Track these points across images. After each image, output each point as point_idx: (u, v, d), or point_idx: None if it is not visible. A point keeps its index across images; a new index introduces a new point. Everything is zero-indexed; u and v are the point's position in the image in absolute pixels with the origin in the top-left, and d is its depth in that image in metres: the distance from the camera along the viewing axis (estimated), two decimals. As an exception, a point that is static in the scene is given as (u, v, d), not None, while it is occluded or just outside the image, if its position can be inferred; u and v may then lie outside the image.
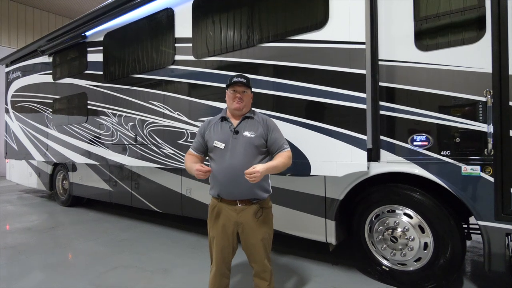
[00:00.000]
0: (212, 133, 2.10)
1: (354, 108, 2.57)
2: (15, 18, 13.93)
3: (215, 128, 2.12)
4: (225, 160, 2.01)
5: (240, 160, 1.98)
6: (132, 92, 4.40)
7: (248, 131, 2.05)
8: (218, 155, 2.04)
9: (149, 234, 4.42)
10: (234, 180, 1.99)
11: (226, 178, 2.00)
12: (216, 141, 2.03)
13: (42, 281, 2.96)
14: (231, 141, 2.03)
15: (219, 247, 2.08)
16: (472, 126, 2.30)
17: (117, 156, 4.65)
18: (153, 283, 2.87)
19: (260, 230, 2.05)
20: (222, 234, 2.07)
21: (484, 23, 2.27)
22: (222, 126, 2.11)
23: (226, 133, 2.06)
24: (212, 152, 2.09)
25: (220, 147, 2.02)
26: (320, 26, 2.75)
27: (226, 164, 2.00)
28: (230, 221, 2.04)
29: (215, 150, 2.05)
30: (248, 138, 2.03)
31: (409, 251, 2.64)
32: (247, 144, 2.02)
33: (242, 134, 2.04)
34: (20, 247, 3.90)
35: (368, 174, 2.70)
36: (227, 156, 2.01)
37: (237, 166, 1.96)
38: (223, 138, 2.05)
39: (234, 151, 2.01)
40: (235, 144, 2.02)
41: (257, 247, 2.06)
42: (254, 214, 2.04)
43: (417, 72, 2.51)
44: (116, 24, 4.61)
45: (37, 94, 6.42)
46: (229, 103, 2.12)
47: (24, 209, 6.28)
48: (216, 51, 3.46)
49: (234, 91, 2.09)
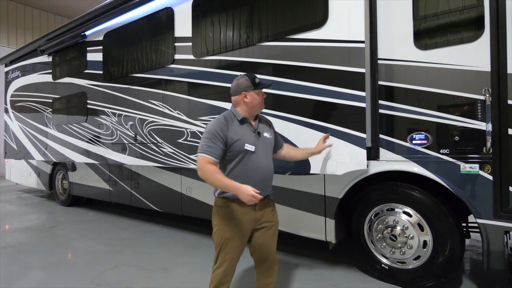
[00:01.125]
0: (238, 136, 1.97)
1: (354, 107, 2.58)
2: (14, 18, 13.92)
3: (238, 130, 2.00)
4: (255, 163, 1.99)
5: (266, 161, 2.05)
6: (131, 92, 4.40)
7: (266, 133, 2.11)
8: (246, 158, 1.98)
9: (149, 233, 4.43)
10: (263, 181, 2.01)
11: (256, 180, 1.95)
12: (247, 144, 1.97)
13: (42, 281, 2.96)
14: (256, 143, 2.02)
15: (236, 248, 2.03)
16: (471, 125, 2.31)
17: (116, 155, 4.65)
18: (153, 282, 2.88)
19: (276, 220, 2.16)
20: (241, 234, 2.03)
21: (482, 22, 2.28)
22: (244, 128, 2.04)
23: (251, 135, 2.02)
24: (238, 155, 1.97)
25: (251, 149, 1.98)
26: (320, 25, 2.75)
27: (257, 167, 1.99)
28: (250, 220, 2.03)
29: (243, 153, 1.97)
30: (269, 139, 2.11)
31: (408, 249, 2.65)
32: (268, 145, 2.10)
33: (263, 135, 2.08)
34: (19, 247, 3.90)
35: (368, 173, 2.71)
36: (254, 158, 1.99)
37: (265, 167, 2.04)
38: (252, 140, 2.00)
39: (260, 152, 2.02)
40: (260, 146, 2.03)
41: (273, 240, 2.12)
42: (270, 208, 2.12)
43: (416, 71, 2.52)
44: (115, 23, 4.62)
45: (36, 94, 6.42)
46: (256, 104, 2.06)
47: (24, 209, 6.28)
48: (215, 50, 3.47)
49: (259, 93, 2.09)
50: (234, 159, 1.98)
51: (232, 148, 1.95)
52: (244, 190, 1.77)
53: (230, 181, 1.85)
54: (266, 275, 2.13)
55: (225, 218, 2.01)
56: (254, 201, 1.78)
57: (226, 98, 3.35)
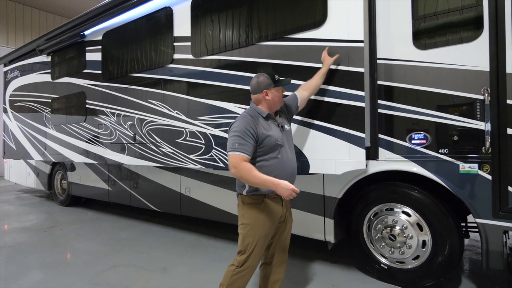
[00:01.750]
0: (267, 131, 2.01)
1: (353, 106, 2.58)
2: (13, 18, 13.89)
3: (266, 126, 2.04)
4: (283, 156, 2.03)
5: (292, 153, 2.13)
6: (131, 91, 4.39)
7: (286, 125, 2.18)
8: (276, 152, 2.01)
9: (148, 233, 4.42)
10: (292, 174, 2.07)
11: (288, 174, 2.01)
12: (277, 139, 2.02)
13: (40, 280, 2.95)
14: (283, 137, 2.09)
15: (264, 247, 2.04)
16: (470, 124, 2.31)
17: (115, 155, 4.64)
18: (152, 282, 2.87)
19: (292, 218, 2.23)
20: (270, 232, 2.04)
21: (481, 22, 2.28)
22: (270, 123, 2.09)
23: (278, 130, 2.08)
24: (269, 151, 2.00)
25: (282, 143, 2.04)
26: (319, 24, 2.75)
27: (287, 160, 2.05)
28: (278, 216, 2.06)
29: (274, 147, 2.00)
30: (289, 131, 2.20)
31: (408, 249, 2.65)
32: (290, 137, 2.19)
33: (285, 128, 2.15)
34: (18, 247, 3.89)
35: (367, 172, 2.71)
36: (283, 152, 2.05)
37: (292, 159, 2.11)
38: (279, 135, 2.06)
39: (286, 146, 2.09)
40: (286, 139, 2.11)
41: (289, 236, 2.18)
42: (289, 204, 2.18)
43: (415, 70, 2.51)
44: (114, 23, 4.61)
45: (35, 94, 6.41)
46: (276, 100, 2.12)
47: (23, 209, 6.27)
48: (214, 49, 3.46)
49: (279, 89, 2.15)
50: (265, 154, 1.99)
51: (264, 144, 1.97)
52: (284, 185, 1.79)
53: (268, 177, 1.85)
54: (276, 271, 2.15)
55: (258, 215, 1.98)
56: (294, 195, 1.81)
57: (225, 98, 3.35)
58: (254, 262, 1.99)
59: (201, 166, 3.59)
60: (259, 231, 1.96)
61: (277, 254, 2.16)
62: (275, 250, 2.16)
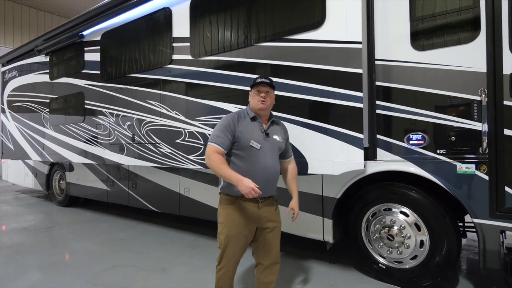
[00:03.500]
0: (246, 131, 2.05)
1: (351, 107, 2.59)
2: (11, 18, 13.85)
3: (247, 126, 2.08)
4: (259, 161, 2.04)
5: (271, 162, 2.10)
6: (129, 92, 4.39)
7: (276, 135, 2.16)
8: (251, 155, 2.04)
9: (146, 234, 4.42)
10: (266, 180, 2.05)
11: (259, 178, 1.99)
12: (253, 141, 2.04)
13: (38, 281, 2.95)
14: (263, 143, 2.07)
15: (237, 246, 2.07)
16: (467, 125, 2.33)
17: (114, 155, 4.64)
18: (151, 282, 2.87)
19: (279, 220, 2.21)
20: (244, 232, 2.07)
21: (478, 23, 2.30)
22: (254, 126, 2.10)
23: (259, 134, 2.09)
24: (242, 150, 2.05)
25: (257, 147, 2.04)
26: (317, 25, 2.76)
27: (260, 165, 2.04)
28: (253, 218, 2.07)
29: (248, 149, 2.03)
30: (278, 142, 2.15)
31: (405, 249, 2.66)
32: (275, 147, 2.15)
33: (272, 137, 2.13)
34: (16, 247, 3.88)
35: (365, 173, 2.72)
36: (261, 157, 2.05)
37: (270, 167, 2.08)
38: (258, 138, 2.06)
39: (266, 153, 2.07)
40: (267, 146, 2.09)
41: (276, 240, 2.16)
42: (273, 208, 2.18)
43: (413, 71, 2.53)
44: (113, 23, 4.61)
45: (33, 94, 6.39)
46: (254, 103, 2.13)
47: (21, 209, 6.25)
48: (213, 50, 3.47)
49: (258, 91, 2.13)
50: (240, 153, 2.05)
51: (239, 142, 2.04)
52: (245, 182, 1.83)
53: (233, 172, 1.92)
54: (266, 273, 2.14)
55: (230, 215, 2.06)
56: (254, 195, 1.82)
57: (224, 98, 3.35)
58: (229, 261, 2.07)
59: (200, 167, 3.60)
60: (231, 231, 2.04)
61: (265, 257, 2.13)
62: (263, 253, 2.14)
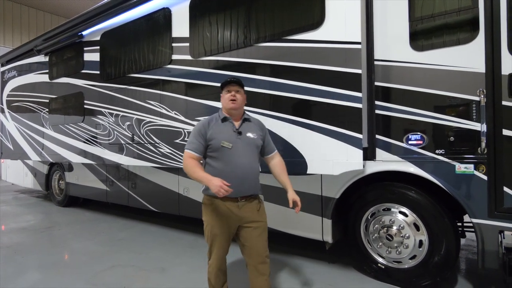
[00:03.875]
0: (216, 133, 2.09)
1: (350, 107, 2.60)
2: (11, 17, 13.84)
3: (218, 128, 2.13)
4: (233, 160, 2.06)
5: (246, 159, 2.09)
6: (129, 92, 4.39)
7: (250, 133, 2.16)
8: (224, 155, 2.07)
9: (146, 234, 4.42)
10: (241, 179, 2.06)
11: (234, 177, 2.02)
12: (223, 141, 2.06)
13: (38, 281, 2.95)
14: (236, 141, 2.09)
15: (222, 244, 2.14)
16: (465, 125, 2.34)
17: (114, 155, 4.64)
18: (150, 282, 2.88)
19: (262, 220, 2.18)
20: (226, 231, 2.12)
21: (477, 24, 2.31)
22: (225, 126, 2.14)
23: (230, 134, 2.11)
24: (215, 152, 2.09)
25: (228, 147, 2.06)
26: (317, 26, 2.77)
27: (233, 164, 2.06)
28: (233, 217, 2.10)
29: (221, 150, 2.07)
30: (252, 139, 2.15)
31: (404, 249, 2.67)
32: (251, 145, 2.14)
33: (246, 135, 2.14)
34: (15, 247, 3.88)
35: (364, 173, 2.73)
36: (234, 156, 2.07)
37: (245, 165, 2.08)
38: (229, 138, 2.09)
39: (240, 151, 2.09)
40: (240, 145, 2.10)
41: (260, 239, 2.14)
42: (255, 208, 2.16)
43: (412, 72, 2.54)
44: (113, 23, 4.61)
45: (33, 94, 6.39)
46: (225, 103, 2.17)
47: (20, 209, 6.25)
48: (213, 50, 3.47)
49: (228, 91, 2.16)
50: (214, 155, 2.11)
51: (211, 145, 2.09)
52: (214, 182, 1.87)
53: (204, 174, 1.99)
54: (255, 274, 2.13)
55: (211, 214, 2.12)
56: (223, 193, 1.85)
57: (223, 98, 3.35)
58: (215, 261, 2.16)
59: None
60: (213, 229, 2.12)
61: (250, 256, 2.13)
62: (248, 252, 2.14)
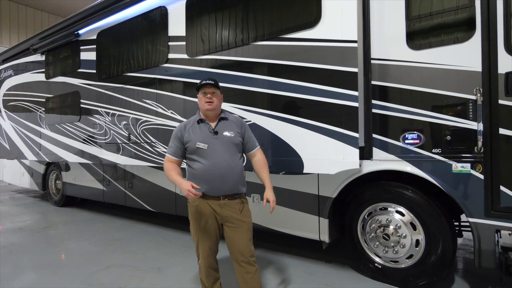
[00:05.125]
0: (191, 136, 2.14)
1: (347, 106, 2.59)
2: (7, 16, 13.78)
3: (193, 130, 2.17)
4: (209, 160, 2.09)
5: (223, 158, 2.11)
6: (125, 91, 4.37)
7: (227, 131, 2.17)
8: (201, 156, 2.11)
9: (142, 234, 4.40)
10: (220, 177, 2.09)
11: (212, 176, 2.08)
12: (198, 143, 2.11)
13: (34, 281, 2.93)
14: (212, 142, 2.12)
15: (207, 243, 2.17)
16: (462, 124, 2.33)
17: (110, 155, 4.62)
18: (146, 282, 2.86)
19: (245, 220, 2.18)
20: (210, 229, 2.16)
21: (474, 23, 2.30)
22: (200, 128, 2.18)
23: (206, 134, 2.14)
24: (193, 153, 2.14)
25: (204, 147, 2.10)
26: (313, 24, 2.75)
27: (211, 163, 2.09)
28: (215, 216, 2.14)
29: (198, 151, 2.11)
30: (229, 138, 2.16)
31: (401, 248, 2.66)
32: (228, 143, 2.15)
33: (222, 134, 2.15)
34: (11, 247, 3.86)
35: (361, 172, 2.72)
36: (211, 155, 2.10)
37: (222, 164, 2.10)
38: (205, 139, 2.12)
39: (217, 150, 2.11)
40: (217, 144, 2.12)
41: (244, 236, 2.15)
42: (237, 207, 2.16)
43: (409, 70, 2.53)
44: (109, 22, 4.58)
45: (29, 93, 6.35)
46: (201, 105, 2.20)
47: (16, 209, 6.22)
48: (209, 49, 3.46)
49: (204, 93, 2.18)
50: (192, 157, 2.15)
51: (188, 147, 2.15)
52: (183, 186, 1.96)
53: (177, 177, 2.08)
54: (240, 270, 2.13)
55: (194, 213, 2.16)
56: (192, 196, 1.92)
57: (220, 97, 3.34)
58: (202, 259, 2.19)
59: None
60: (196, 228, 2.17)
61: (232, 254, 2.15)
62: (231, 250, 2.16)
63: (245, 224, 2.17)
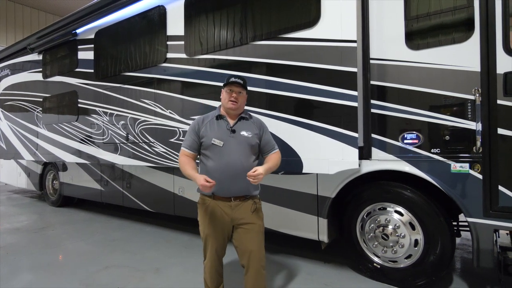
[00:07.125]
0: (208, 131, 2.09)
1: (346, 106, 2.59)
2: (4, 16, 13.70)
3: (211, 125, 2.11)
4: (222, 158, 2.03)
5: (237, 158, 2.04)
6: (123, 91, 4.35)
7: (245, 131, 2.11)
8: (215, 153, 2.05)
9: (141, 234, 4.38)
10: (232, 178, 2.03)
11: (224, 176, 2.01)
12: (214, 139, 2.04)
13: (31, 282, 2.91)
14: (228, 140, 2.06)
15: (214, 245, 2.11)
16: (461, 124, 2.34)
17: (108, 155, 4.60)
18: (144, 282, 2.85)
19: (256, 222, 2.12)
20: (218, 231, 2.10)
21: (473, 23, 2.30)
22: (218, 124, 2.12)
23: (223, 131, 2.08)
24: (207, 149, 2.08)
25: (219, 145, 2.04)
26: (312, 24, 2.76)
27: (224, 162, 2.03)
28: (226, 218, 2.07)
29: (212, 147, 2.05)
30: (246, 138, 2.09)
31: (400, 248, 2.67)
32: (244, 143, 2.09)
33: (240, 133, 2.09)
34: (9, 248, 3.83)
35: (360, 172, 2.72)
36: (224, 154, 2.04)
37: (236, 164, 2.03)
38: (221, 136, 2.06)
39: (232, 149, 2.04)
40: (233, 143, 2.06)
41: (255, 238, 2.10)
42: (249, 208, 2.10)
43: (408, 70, 2.53)
44: (107, 21, 4.56)
45: (26, 93, 6.32)
46: (224, 102, 2.14)
47: (13, 210, 6.18)
48: (208, 49, 3.45)
49: (231, 90, 2.12)
50: (206, 153, 2.10)
51: (203, 142, 2.09)
52: (198, 179, 1.91)
53: (192, 172, 2.02)
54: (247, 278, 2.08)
55: (204, 214, 2.11)
56: (207, 190, 1.87)
57: (218, 97, 3.32)
58: (209, 261, 2.15)
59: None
60: (205, 229, 2.11)
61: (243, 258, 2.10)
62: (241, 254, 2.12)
63: (256, 226, 2.10)
